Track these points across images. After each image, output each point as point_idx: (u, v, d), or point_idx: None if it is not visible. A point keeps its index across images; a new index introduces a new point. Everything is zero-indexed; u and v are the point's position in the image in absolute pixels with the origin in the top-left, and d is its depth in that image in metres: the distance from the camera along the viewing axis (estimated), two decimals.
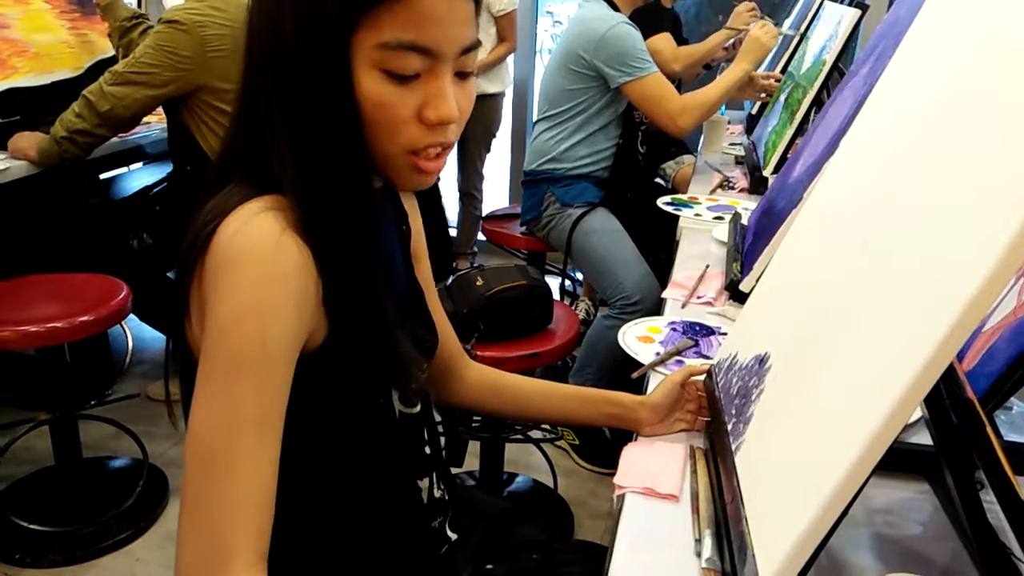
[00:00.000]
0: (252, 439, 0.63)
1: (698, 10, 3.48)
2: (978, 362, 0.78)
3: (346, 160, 0.68)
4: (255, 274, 0.63)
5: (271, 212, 0.66)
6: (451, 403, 1.03)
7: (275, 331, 0.64)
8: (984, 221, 0.53)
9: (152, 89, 2.03)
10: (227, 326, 0.63)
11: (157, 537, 1.94)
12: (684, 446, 0.91)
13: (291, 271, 0.64)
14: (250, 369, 0.63)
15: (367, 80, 0.65)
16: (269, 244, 0.64)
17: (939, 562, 0.77)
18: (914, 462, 0.87)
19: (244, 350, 0.63)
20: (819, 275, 0.81)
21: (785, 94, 2.12)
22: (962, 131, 0.65)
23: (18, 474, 2.10)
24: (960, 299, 0.50)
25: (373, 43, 0.64)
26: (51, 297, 1.87)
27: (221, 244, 0.65)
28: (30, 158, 2.08)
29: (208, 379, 0.64)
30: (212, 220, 0.67)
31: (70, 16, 2.55)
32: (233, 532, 0.62)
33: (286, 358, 0.66)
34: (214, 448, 0.63)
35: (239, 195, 0.68)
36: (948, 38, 0.78)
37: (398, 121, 0.67)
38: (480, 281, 1.73)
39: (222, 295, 0.63)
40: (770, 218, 1.34)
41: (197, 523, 0.63)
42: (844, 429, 0.58)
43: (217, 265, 0.65)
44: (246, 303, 0.63)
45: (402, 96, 0.66)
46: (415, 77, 0.66)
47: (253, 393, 0.63)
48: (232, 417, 0.63)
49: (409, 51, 0.64)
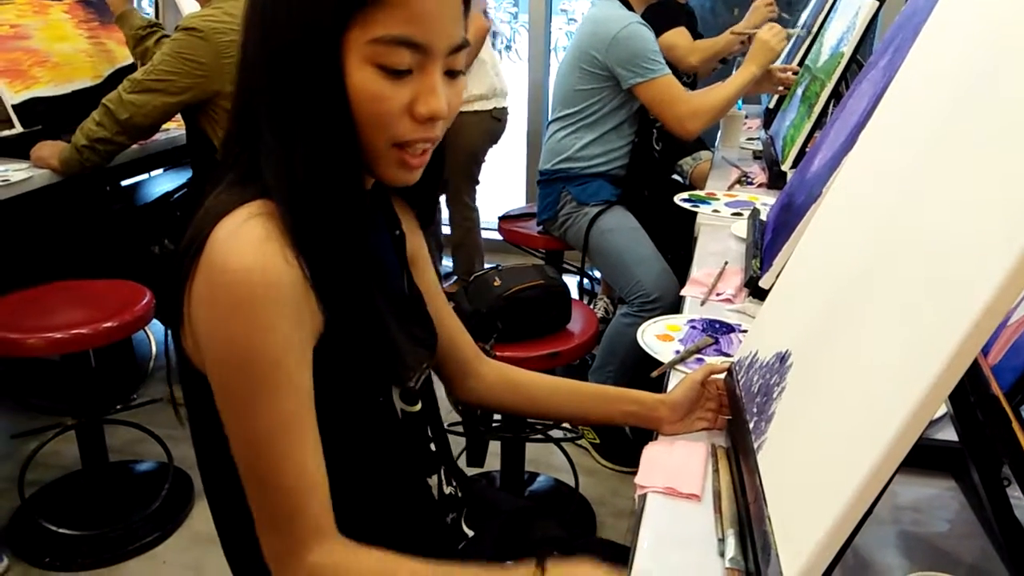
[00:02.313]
0: (285, 443, 0.69)
1: (713, 4, 3.46)
2: (1003, 356, 0.77)
3: (338, 154, 0.69)
4: (248, 293, 0.65)
5: (256, 219, 0.67)
6: (470, 402, 1.03)
7: (280, 342, 0.67)
8: (1009, 213, 0.52)
9: (170, 96, 2.05)
10: (234, 349, 0.66)
11: (183, 540, 1.96)
12: (705, 445, 0.91)
13: (280, 282, 0.66)
14: (267, 384, 0.67)
15: (360, 75, 0.66)
16: (256, 258, 0.65)
17: (966, 560, 0.76)
18: (940, 459, 0.86)
19: (257, 367, 0.66)
20: (840, 271, 0.80)
21: (803, 87, 2.10)
22: (984, 122, 0.64)
23: (46, 479, 2.13)
24: (985, 292, 0.50)
25: (367, 38, 0.65)
26: (75, 304, 1.90)
27: (211, 257, 0.66)
28: (52, 167, 2.11)
29: (231, 398, 0.69)
30: (205, 226, 0.68)
31: (89, 25, 2.58)
32: (295, 524, 0.69)
33: (298, 361, 0.69)
34: (256, 459, 0.69)
35: (229, 198, 0.69)
36: (968, 28, 0.77)
37: (389, 115, 0.68)
38: (498, 281, 1.73)
39: (221, 318, 0.66)
40: (789, 213, 1.33)
41: (264, 525, 0.71)
42: (869, 426, 0.57)
43: (209, 282, 0.66)
44: (256, 323, 0.65)
45: (394, 90, 0.67)
46: (407, 73, 0.67)
47: (275, 404, 0.68)
48: (263, 430, 0.68)
49: (402, 46, 0.66)
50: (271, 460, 0.69)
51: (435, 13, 0.66)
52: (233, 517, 0.81)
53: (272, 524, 0.71)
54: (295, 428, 0.69)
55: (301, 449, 0.69)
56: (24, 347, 1.73)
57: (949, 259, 0.58)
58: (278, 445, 0.68)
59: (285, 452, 0.69)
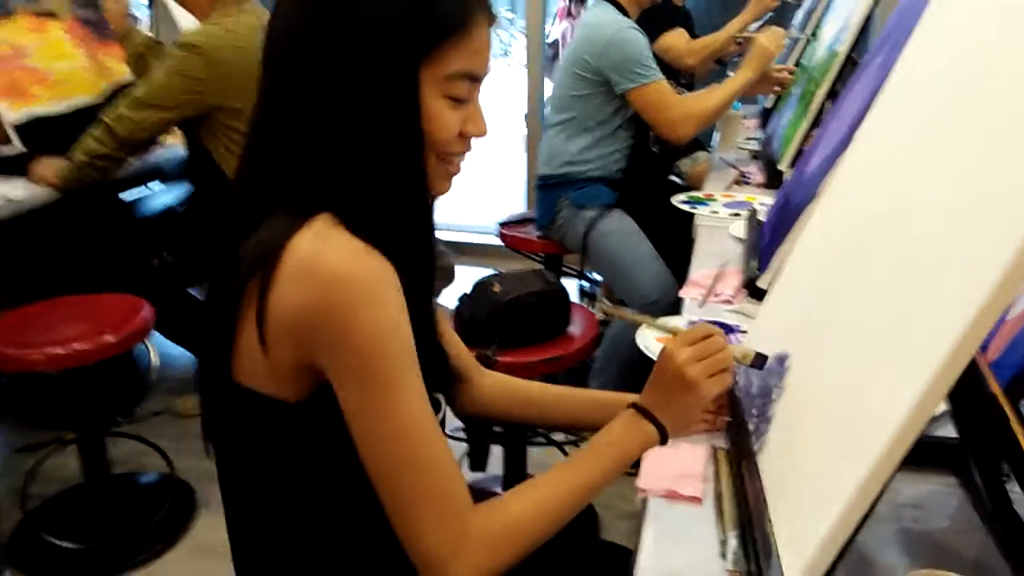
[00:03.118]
0: (433, 425, 0.72)
1: (708, 6, 3.46)
2: (1002, 353, 0.77)
3: (412, 176, 0.75)
4: (367, 291, 0.68)
5: (340, 228, 0.69)
6: (471, 412, 1.03)
7: (405, 329, 0.70)
8: (1004, 211, 0.52)
9: (167, 112, 2.06)
10: (375, 345, 0.68)
11: (186, 551, 1.96)
12: (706, 447, 0.91)
13: (389, 275, 0.69)
14: (408, 376, 0.71)
15: (434, 105, 0.73)
16: (366, 259, 0.68)
17: (967, 556, 0.76)
18: (940, 455, 0.85)
19: (397, 362, 0.70)
20: (838, 270, 0.80)
21: (799, 87, 2.10)
22: (979, 120, 0.64)
23: (48, 492, 2.13)
24: (981, 290, 0.50)
25: (443, 74, 0.72)
26: (75, 318, 1.90)
27: (304, 269, 0.67)
28: (52, 184, 2.11)
29: (372, 398, 0.70)
30: (278, 240, 0.69)
31: (87, 43, 2.59)
32: (459, 497, 0.73)
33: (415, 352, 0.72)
34: (416, 448, 0.71)
35: (289, 220, 0.70)
36: (962, 26, 0.78)
37: (450, 138, 0.75)
38: (498, 287, 1.73)
39: (345, 323, 0.67)
40: (787, 213, 1.33)
41: (434, 507, 0.71)
42: (868, 426, 0.57)
43: (314, 292, 0.67)
44: (381, 319, 0.68)
45: (455, 117, 0.75)
46: (465, 101, 0.76)
47: (417, 393, 0.72)
48: (415, 419, 0.71)
49: (467, 80, 0.74)
50: (430, 443, 0.71)
51: (487, 47, 0.76)
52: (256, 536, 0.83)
53: (439, 515, 0.71)
54: (430, 409, 0.72)
55: (438, 427, 0.73)
56: (25, 362, 1.73)
57: (946, 257, 0.58)
58: (430, 429, 0.72)
59: (436, 432, 0.72)
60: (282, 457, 0.77)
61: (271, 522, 0.81)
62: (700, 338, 0.80)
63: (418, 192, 0.76)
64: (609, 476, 0.79)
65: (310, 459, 0.77)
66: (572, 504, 0.77)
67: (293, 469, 0.78)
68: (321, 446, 0.76)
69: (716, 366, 0.78)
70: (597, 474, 0.78)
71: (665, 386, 0.79)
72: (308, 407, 0.73)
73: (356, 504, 0.76)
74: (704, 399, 0.78)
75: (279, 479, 0.79)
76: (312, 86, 0.71)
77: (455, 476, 0.73)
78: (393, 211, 0.74)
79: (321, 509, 0.79)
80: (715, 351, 0.79)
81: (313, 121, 0.72)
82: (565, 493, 0.76)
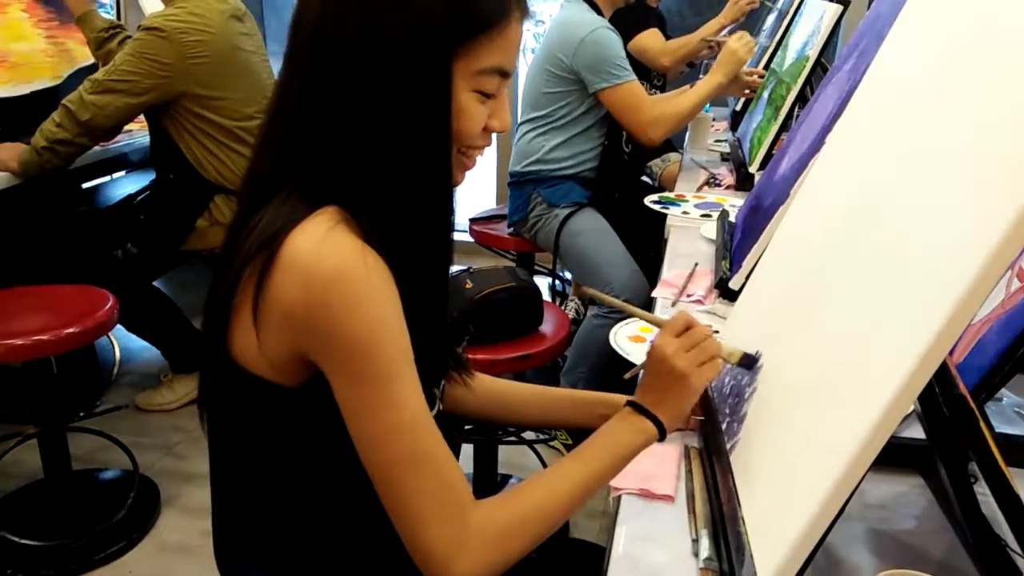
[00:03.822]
0: (430, 421, 0.72)
1: (680, 7, 3.49)
2: (968, 355, 0.79)
3: (439, 169, 0.75)
4: (362, 290, 0.67)
5: (341, 225, 0.69)
6: (454, 412, 1.02)
7: (399, 327, 0.70)
8: (973, 216, 0.53)
9: (133, 97, 2.02)
10: (368, 343, 0.68)
11: (149, 548, 1.92)
12: (679, 446, 0.91)
13: (384, 275, 0.69)
14: (403, 373, 0.70)
15: (465, 99, 0.73)
16: (362, 259, 0.68)
17: (935, 556, 0.77)
18: (907, 456, 0.87)
19: (391, 360, 0.69)
20: (809, 272, 0.81)
21: (768, 90, 2.13)
22: (947, 127, 0.65)
23: (8, 488, 2.08)
24: (953, 295, 0.51)
25: (475, 68, 0.72)
26: (36, 309, 1.85)
27: (301, 263, 0.67)
28: (11, 169, 2.06)
29: (374, 392, 0.69)
30: (280, 228, 0.69)
31: (48, 25, 2.52)
32: (460, 492, 0.72)
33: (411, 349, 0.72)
34: (413, 443, 0.71)
35: (293, 209, 0.70)
36: (932, 34, 0.79)
37: (476, 131, 0.76)
38: (470, 283, 1.72)
39: (340, 320, 0.67)
40: (757, 215, 1.34)
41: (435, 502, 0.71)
42: (841, 426, 0.58)
43: (311, 287, 0.67)
44: (375, 318, 0.68)
45: (482, 111, 0.75)
46: (492, 96, 0.76)
47: (412, 389, 0.71)
48: (411, 415, 0.71)
49: (497, 75, 0.74)
50: (428, 440, 0.71)
51: (518, 44, 0.75)
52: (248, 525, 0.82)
53: (441, 511, 0.71)
54: (426, 406, 0.72)
55: (435, 424, 0.73)
56: None
57: (916, 261, 0.59)
58: (427, 424, 0.71)
59: (432, 428, 0.72)
60: (278, 441, 0.77)
61: (262, 506, 0.80)
62: (683, 328, 0.81)
63: (443, 184, 0.76)
64: (608, 474, 0.79)
65: (306, 446, 0.77)
66: (573, 502, 0.77)
67: (289, 455, 0.77)
68: (317, 434, 0.75)
69: (704, 354, 0.79)
70: (597, 473, 0.78)
71: (659, 381, 0.80)
72: (305, 394, 0.73)
73: (352, 494, 0.76)
74: (696, 389, 0.79)
75: (274, 464, 0.78)
76: (342, 74, 0.70)
77: (455, 471, 0.73)
78: (415, 203, 0.74)
79: (315, 497, 0.79)
80: (700, 340, 0.80)
81: (339, 109, 0.71)
82: (567, 491, 0.77)
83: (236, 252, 0.72)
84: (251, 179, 0.77)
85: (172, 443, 2.34)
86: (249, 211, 0.74)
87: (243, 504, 0.82)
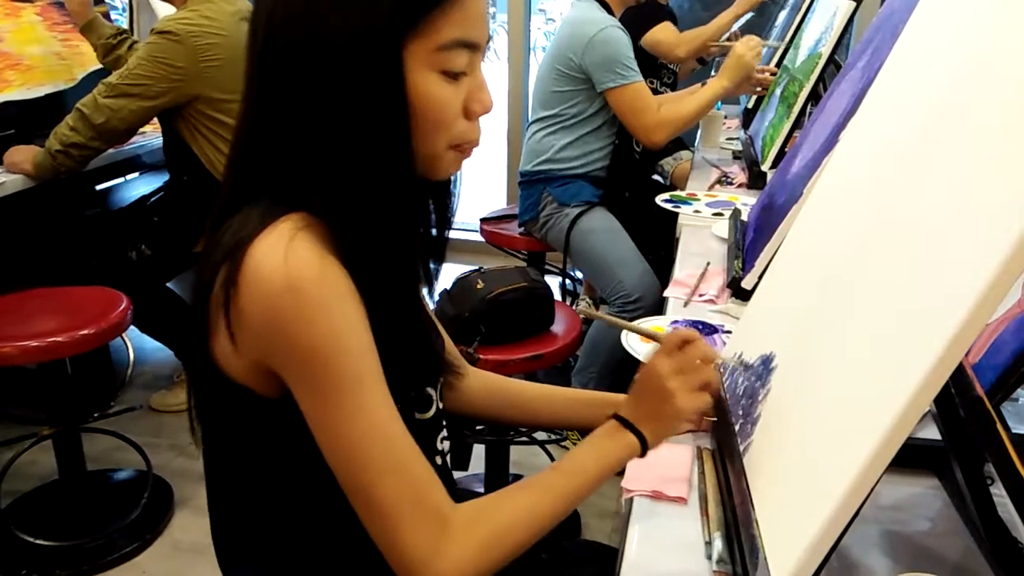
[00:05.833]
0: (398, 429, 0.70)
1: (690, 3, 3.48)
2: (984, 355, 0.78)
3: (397, 165, 0.70)
4: (320, 299, 0.66)
5: (303, 233, 0.67)
6: (454, 410, 1.02)
7: (363, 334, 0.68)
8: (990, 216, 0.52)
9: (146, 100, 2.03)
10: (325, 354, 0.66)
11: (163, 548, 1.93)
12: (691, 447, 0.91)
13: (343, 283, 0.67)
14: (366, 382, 0.68)
15: (425, 82, 0.68)
16: (319, 270, 0.66)
17: (950, 559, 0.76)
18: (923, 457, 0.86)
19: (352, 369, 0.67)
20: (823, 272, 0.81)
21: (781, 87, 2.12)
22: (965, 126, 0.64)
23: (23, 489, 2.10)
24: (970, 295, 0.50)
25: (433, 46, 0.67)
26: (51, 311, 1.87)
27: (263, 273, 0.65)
28: (26, 172, 2.07)
29: (336, 403, 0.68)
30: (244, 237, 0.67)
31: (62, 28, 2.54)
32: (432, 497, 0.71)
33: (374, 349, 0.70)
34: (380, 453, 0.69)
35: (261, 215, 0.68)
36: (947, 31, 0.78)
37: (450, 118, 0.70)
38: (481, 284, 1.72)
39: (298, 330, 0.66)
40: (770, 214, 1.34)
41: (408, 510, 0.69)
42: (856, 428, 0.57)
43: (271, 297, 0.65)
44: (330, 329, 0.66)
45: (454, 93, 0.70)
46: (463, 75, 0.70)
47: (379, 398, 0.69)
48: (377, 425, 0.69)
49: (462, 48, 0.68)
50: (397, 447, 0.70)
51: (483, 12, 0.69)
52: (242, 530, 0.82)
53: (414, 520, 0.70)
54: (395, 413, 0.71)
55: (405, 431, 0.71)
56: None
57: (933, 261, 0.58)
58: (396, 430, 0.70)
59: (401, 435, 0.70)
60: (264, 452, 0.76)
61: (253, 512, 0.80)
62: (679, 345, 0.79)
63: (403, 180, 0.71)
64: (594, 485, 0.78)
65: (291, 455, 0.76)
66: (560, 510, 0.76)
67: (275, 463, 0.77)
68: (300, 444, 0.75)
69: (696, 379, 0.78)
70: (583, 482, 0.77)
71: (646, 398, 0.79)
72: (284, 405, 0.72)
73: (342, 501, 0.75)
74: (682, 412, 0.78)
75: (262, 471, 0.78)
76: (291, 72, 0.68)
77: (426, 477, 0.71)
78: (377, 203, 0.70)
79: (305, 504, 0.79)
80: (696, 363, 0.78)
81: (293, 110, 0.69)
82: (555, 498, 0.76)
83: (208, 259, 0.71)
84: (225, 181, 0.76)
85: (185, 443, 2.35)
86: (224, 215, 0.72)
87: (236, 510, 0.82)
